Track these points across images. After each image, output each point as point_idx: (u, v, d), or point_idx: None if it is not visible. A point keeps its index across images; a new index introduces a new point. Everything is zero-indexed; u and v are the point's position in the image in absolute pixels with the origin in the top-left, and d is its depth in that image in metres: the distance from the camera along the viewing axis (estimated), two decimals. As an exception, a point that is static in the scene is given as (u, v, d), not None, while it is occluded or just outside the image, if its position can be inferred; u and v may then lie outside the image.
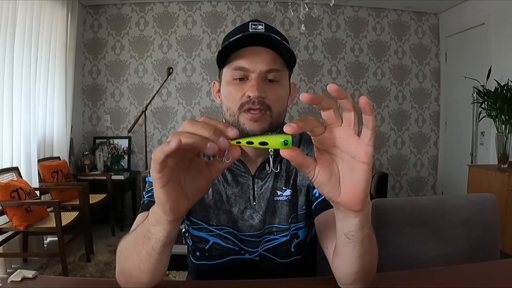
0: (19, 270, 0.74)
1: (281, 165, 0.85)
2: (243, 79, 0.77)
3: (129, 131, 3.60)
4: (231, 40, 0.75)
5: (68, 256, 2.60)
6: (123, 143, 3.88)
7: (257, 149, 0.80)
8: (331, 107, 0.46)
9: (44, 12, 2.96)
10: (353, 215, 0.52)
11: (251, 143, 0.47)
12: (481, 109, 3.11)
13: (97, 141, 3.87)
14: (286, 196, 0.84)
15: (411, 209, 1.16)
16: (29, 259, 2.69)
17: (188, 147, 0.44)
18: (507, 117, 2.87)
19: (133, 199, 3.83)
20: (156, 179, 0.46)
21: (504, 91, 2.88)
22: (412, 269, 0.86)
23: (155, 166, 0.45)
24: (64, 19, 3.27)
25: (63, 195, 2.81)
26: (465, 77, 3.47)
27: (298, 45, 4.02)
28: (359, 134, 0.47)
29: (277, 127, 0.78)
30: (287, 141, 0.46)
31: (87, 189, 2.81)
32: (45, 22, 3.00)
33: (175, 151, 0.42)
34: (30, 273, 0.73)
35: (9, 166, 2.50)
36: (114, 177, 3.42)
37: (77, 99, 3.80)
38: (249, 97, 0.75)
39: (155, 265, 0.59)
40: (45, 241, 2.96)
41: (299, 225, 0.84)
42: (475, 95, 3.27)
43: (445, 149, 4.14)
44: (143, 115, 3.51)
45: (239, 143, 0.47)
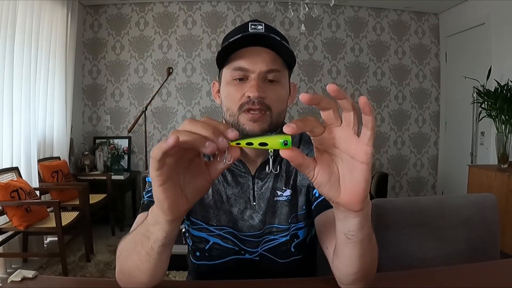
0: (19, 270, 0.74)
1: (281, 165, 0.85)
2: (243, 79, 0.77)
3: (129, 131, 3.60)
4: (230, 40, 0.75)
5: (68, 256, 2.59)
6: (123, 143, 3.88)
7: (257, 149, 0.80)
8: (331, 107, 0.46)
9: (44, 12, 2.96)
10: (353, 215, 0.52)
11: (251, 144, 0.47)
12: (481, 109, 3.11)
13: (97, 141, 3.87)
14: (286, 196, 0.84)
15: (411, 209, 1.16)
16: (29, 259, 2.69)
17: (186, 145, 0.43)
18: (507, 117, 2.87)
19: (133, 199, 3.83)
20: (154, 177, 0.46)
21: (504, 91, 2.88)
22: (412, 269, 0.86)
23: (153, 163, 0.45)
24: (64, 19, 3.27)
25: (63, 195, 2.81)
26: (465, 77, 3.47)
27: (298, 45, 4.02)
28: (359, 134, 0.47)
29: (277, 127, 0.78)
30: (287, 141, 0.46)
31: (87, 189, 2.81)
32: (45, 22, 3.00)
33: (173, 148, 0.42)
34: (30, 273, 0.73)
35: (9, 166, 2.50)
36: (114, 177, 3.42)
37: (77, 99, 3.80)
38: (249, 97, 0.74)
39: (154, 265, 0.59)
40: (45, 241, 2.96)
41: (299, 225, 0.84)
42: (475, 95, 3.27)
43: (445, 149, 4.14)
44: (143, 115, 3.51)
45: (239, 144, 0.47)
